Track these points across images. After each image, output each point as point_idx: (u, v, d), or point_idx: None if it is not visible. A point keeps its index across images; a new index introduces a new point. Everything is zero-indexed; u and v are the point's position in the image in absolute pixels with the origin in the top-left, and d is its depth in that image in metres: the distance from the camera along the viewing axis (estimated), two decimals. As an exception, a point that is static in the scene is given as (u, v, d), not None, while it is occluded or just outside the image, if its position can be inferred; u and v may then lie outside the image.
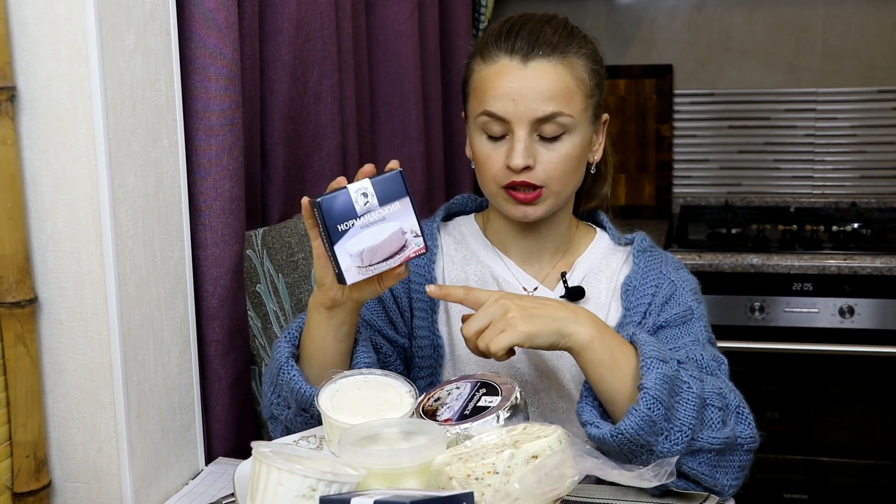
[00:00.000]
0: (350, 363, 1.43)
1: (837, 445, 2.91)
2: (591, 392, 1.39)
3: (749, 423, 1.38)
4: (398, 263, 1.30)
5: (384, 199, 1.28)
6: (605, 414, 1.38)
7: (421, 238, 1.30)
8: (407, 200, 1.29)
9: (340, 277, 1.29)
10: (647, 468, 1.15)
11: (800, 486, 2.90)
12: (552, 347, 1.36)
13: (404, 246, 1.30)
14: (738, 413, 1.38)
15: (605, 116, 1.57)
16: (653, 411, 1.29)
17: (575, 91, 1.47)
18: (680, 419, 1.32)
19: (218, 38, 1.52)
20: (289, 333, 1.44)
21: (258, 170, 1.83)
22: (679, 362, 1.36)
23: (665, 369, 1.31)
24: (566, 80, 1.46)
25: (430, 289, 1.39)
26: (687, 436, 1.31)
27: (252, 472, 1.15)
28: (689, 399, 1.32)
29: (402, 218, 1.29)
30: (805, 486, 2.90)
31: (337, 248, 1.27)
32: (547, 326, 1.33)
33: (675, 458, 1.18)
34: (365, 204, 1.27)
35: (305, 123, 1.93)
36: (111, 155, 1.28)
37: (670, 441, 1.31)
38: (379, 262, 1.29)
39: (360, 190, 1.28)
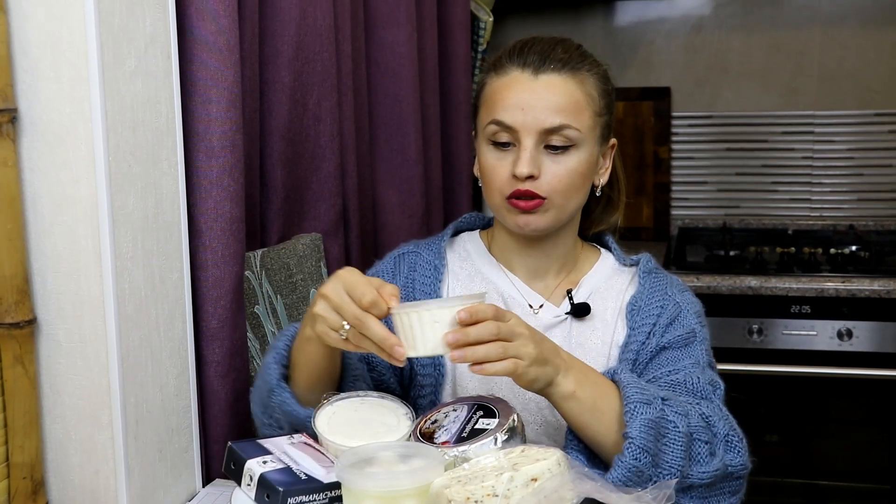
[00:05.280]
0: (340, 383, 1.44)
1: (836, 469, 2.90)
2: (575, 436, 1.39)
3: (739, 451, 1.38)
4: None
5: None
6: (593, 455, 1.38)
7: None
8: None
9: None
10: (645, 491, 1.14)
11: (798, 509, 2.89)
12: (530, 389, 1.35)
13: None
14: (727, 441, 1.38)
15: (613, 141, 1.58)
16: (639, 461, 1.29)
17: (584, 106, 1.49)
18: (668, 462, 1.32)
19: (218, 61, 1.53)
20: (277, 354, 1.43)
21: (257, 191, 1.83)
22: (663, 400, 1.35)
23: (649, 413, 1.31)
24: (575, 94, 1.48)
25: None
26: (676, 478, 1.31)
27: (401, 324, 1.25)
28: (675, 440, 1.32)
29: None
30: (803, 510, 2.89)
31: None
32: (545, 376, 1.32)
33: (674, 481, 1.18)
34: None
35: (304, 145, 1.94)
36: (111, 176, 1.29)
37: None
38: None
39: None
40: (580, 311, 1.55)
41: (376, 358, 1.54)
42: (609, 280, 1.60)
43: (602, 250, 1.66)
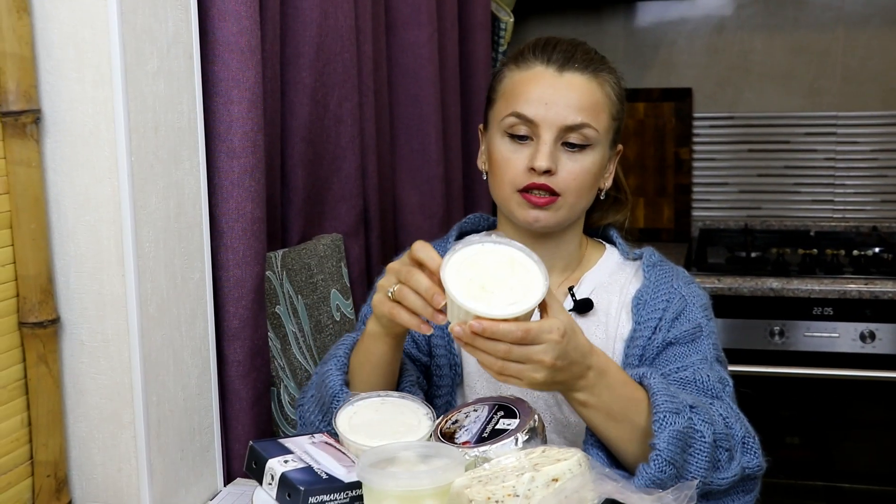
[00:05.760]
0: (398, 384, 1.46)
1: (858, 471, 2.88)
2: (594, 435, 1.39)
3: (755, 453, 1.39)
4: None
5: None
6: (611, 454, 1.38)
7: None
8: None
9: None
10: (667, 492, 1.14)
11: (820, 512, 2.88)
12: None
13: None
14: (744, 443, 1.39)
15: (620, 147, 1.60)
16: (664, 473, 1.28)
17: (603, 108, 1.50)
18: (692, 472, 1.31)
19: (240, 62, 1.54)
20: (338, 360, 1.45)
21: (278, 192, 1.84)
22: (691, 408, 1.34)
23: (678, 424, 1.30)
24: (597, 95, 1.50)
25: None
26: (698, 489, 1.31)
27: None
28: (701, 450, 1.32)
29: None
30: (826, 513, 2.88)
31: None
32: (547, 391, 1.32)
33: (695, 482, 1.18)
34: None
35: (325, 146, 1.94)
36: (133, 177, 1.29)
37: None
38: None
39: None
40: (582, 307, 1.55)
41: (406, 363, 1.55)
42: (613, 275, 1.60)
43: (607, 246, 1.66)
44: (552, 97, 1.47)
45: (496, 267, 1.25)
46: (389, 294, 1.30)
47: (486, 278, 1.23)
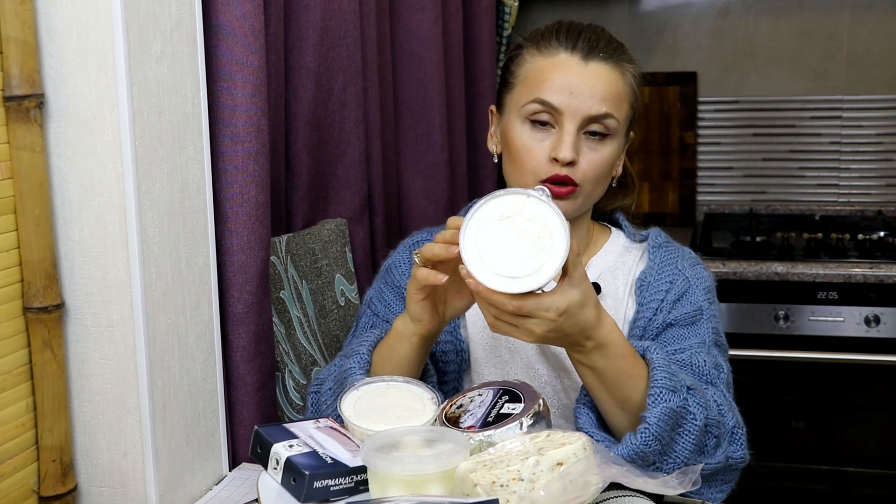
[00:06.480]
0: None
1: (862, 455, 2.88)
2: (588, 395, 1.39)
3: (741, 444, 1.39)
4: None
5: None
6: (601, 418, 1.39)
7: None
8: None
9: None
10: (671, 476, 1.14)
11: (824, 496, 2.88)
12: None
13: None
14: (733, 434, 1.39)
15: (632, 135, 1.60)
16: (649, 447, 1.29)
17: (624, 98, 1.50)
18: (677, 452, 1.32)
19: (244, 46, 1.53)
20: (360, 358, 1.45)
21: (282, 176, 1.84)
22: (689, 388, 1.34)
23: (672, 402, 1.30)
24: (619, 85, 1.50)
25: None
26: (679, 468, 1.31)
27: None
28: (690, 431, 1.32)
29: None
30: (829, 497, 2.87)
31: None
32: (555, 343, 1.33)
33: (699, 466, 1.18)
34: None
35: (329, 130, 1.94)
36: (137, 162, 1.29)
37: (662, 471, 1.31)
38: None
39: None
40: None
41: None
42: (620, 258, 1.60)
43: (613, 229, 1.66)
44: (577, 86, 1.47)
45: (522, 230, 1.22)
46: (415, 260, 1.33)
47: (505, 240, 1.22)
